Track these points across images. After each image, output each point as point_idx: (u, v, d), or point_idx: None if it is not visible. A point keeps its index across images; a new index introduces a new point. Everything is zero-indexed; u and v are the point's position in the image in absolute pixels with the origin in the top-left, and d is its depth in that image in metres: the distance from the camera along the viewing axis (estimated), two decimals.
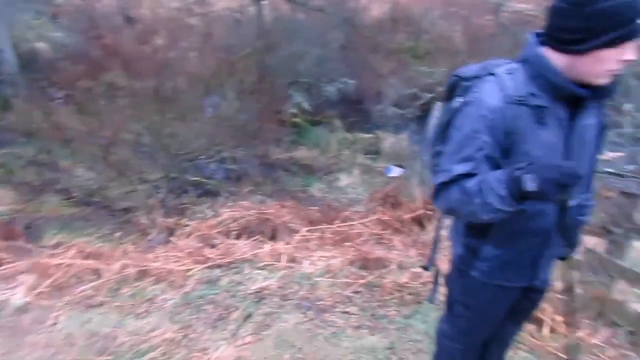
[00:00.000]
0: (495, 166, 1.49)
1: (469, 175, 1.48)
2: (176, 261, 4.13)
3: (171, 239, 5.17)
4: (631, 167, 3.17)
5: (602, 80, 1.42)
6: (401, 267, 4.15)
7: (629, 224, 2.90)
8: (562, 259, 1.85)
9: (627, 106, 5.76)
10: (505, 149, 1.48)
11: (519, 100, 1.45)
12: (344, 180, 9.86)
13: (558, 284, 3.63)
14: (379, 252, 4.53)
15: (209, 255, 4.27)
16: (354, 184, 9.62)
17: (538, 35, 1.52)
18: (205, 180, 8.74)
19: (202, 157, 9.19)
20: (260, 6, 12.89)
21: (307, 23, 12.85)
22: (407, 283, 3.74)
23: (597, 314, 3.17)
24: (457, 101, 1.58)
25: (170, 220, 6.18)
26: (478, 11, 12.94)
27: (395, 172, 9.97)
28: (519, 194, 1.35)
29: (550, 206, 1.55)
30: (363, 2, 15.88)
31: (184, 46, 12.38)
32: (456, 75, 1.66)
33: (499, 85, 1.48)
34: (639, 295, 3.24)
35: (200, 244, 4.82)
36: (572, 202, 1.51)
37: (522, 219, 1.54)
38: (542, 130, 1.47)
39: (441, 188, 1.55)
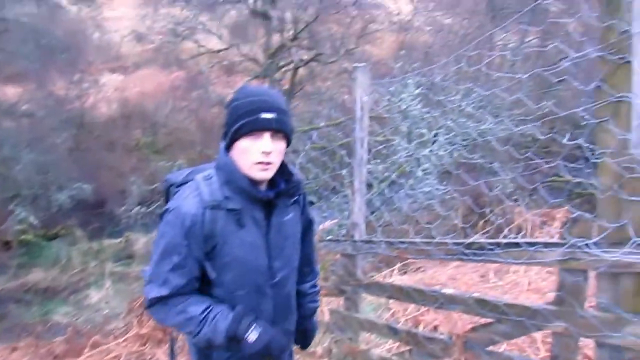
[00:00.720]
0: (201, 268, 1.53)
1: (182, 289, 1.51)
2: None
3: None
4: (343, 232, 3.65)
5: (257, 174, 1.54)
6: None
7: (354, 280, 3.28)
8: (303, 347, 1.91)
9: (343, 171, 6.66)
10: (208, 252, 1.52)
11: (215, 205, 1.51)
12: (94, 296, 8.77)
13: (318, 350, 3.85)
14: None
15: None
16: (107, 297, 8.64)
17: None
18: None
19: None
20: None
21: (21, 129, 11.47)
22: None
23: None
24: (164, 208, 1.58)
25: None
26: (206, 104, 13.76)
27: None
28: (235, 339, 1.50)
29: (267, 305, 1.62)
30: (90, 101, 15.20)
31: None
32: (167, 181, 1.68)
33: (196, 191, 1.53)
34: (377, 339, 3.65)
35: None
36: None
37: None
38: (242, 232, 1.54)
39: (157, 301, 1.53)
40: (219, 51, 14.84)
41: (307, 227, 1.82)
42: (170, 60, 15.17)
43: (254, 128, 1.49)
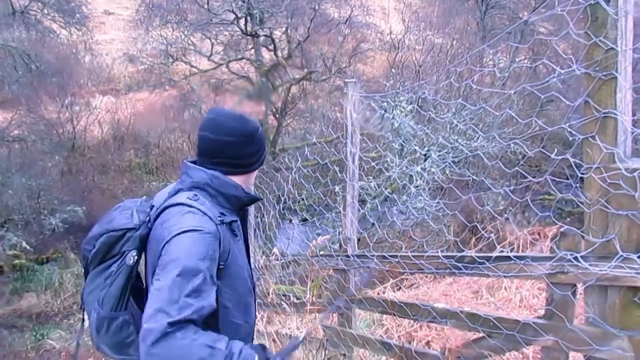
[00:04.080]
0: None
1: (200, 315, 1.34)
2: None
3: None
4: (336, 247, 3.66)
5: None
6: None
7: (348, 295, 3.27)
8: None
9: (336, 188, 6.71)
10: (220, 268, 1.48)
11: (220, 221, 1.51)
12: (87, 319, 8.61)
13: None
14: None
15: None
16: None
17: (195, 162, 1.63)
18: None
19: None
20: None
21: (12, 154, 11.43)
22: None
23: None
24: (134, 253, 1.46)
25: None
26: (198, 124, 13.81)
27: None
28: None
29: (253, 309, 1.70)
30: (81, 124, 15.20)
31: None
32: (119, 229, 1.49)
33: (198, 210, 1.48)
34: (371, 355, 3.63)
35: None
36: None
37: None
38: (238, 242, 1.60)
39: (170, 329, 1.26)
40: (207, 71, 14.96)
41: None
42: (162, 81, 15.26)
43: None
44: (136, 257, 1.47)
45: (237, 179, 1.61)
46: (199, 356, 1.26)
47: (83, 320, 1.63)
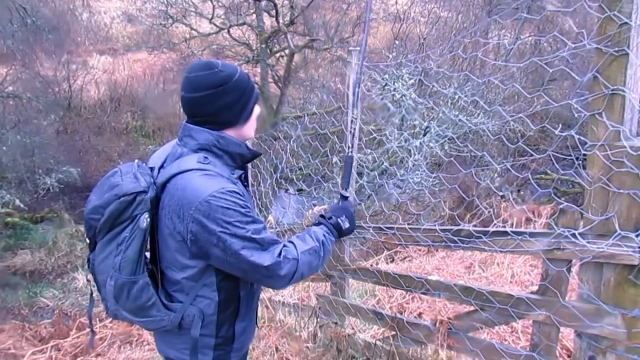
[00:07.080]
0: None
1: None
2: None
3: None
4: None
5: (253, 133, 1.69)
6: None
7: (342, 265, 3.29)
8: None
9: (334, 158, 6.70)
10: None
11: (234, 178, 1.54)
12: (80, 279, 8.69)
13: (303, 334, 3.87)
14: (123, 356, 4.05)
15: None
16: (93, 280, 8.57)
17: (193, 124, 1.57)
18: None
19: None
20: None
21: (7, 111, 11.27)
22: None
23: (338, 351, 3.44)
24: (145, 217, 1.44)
25: None
26: None
27: None
28: (340, 234, 1.70)
29: None
30: (78, 83, 14.97)
31: None
32: (130, 194, 1.45)
33: (212, 173, 1.48)
34: (362, 325, 3.68)
35: None
36: None
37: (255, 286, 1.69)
38: (249, 195, 1.64)
39: (285, 255, 1.50)
40: (208, 35, 14.63)
41: None
42: (161, 43, 14.95)
43: (257, 100, 1.63)
44: (149, 220, 1.45)
45: (233, 132, 1.57)
46: (310, 261, 1.56)
47: (92, 293, 1.65)
